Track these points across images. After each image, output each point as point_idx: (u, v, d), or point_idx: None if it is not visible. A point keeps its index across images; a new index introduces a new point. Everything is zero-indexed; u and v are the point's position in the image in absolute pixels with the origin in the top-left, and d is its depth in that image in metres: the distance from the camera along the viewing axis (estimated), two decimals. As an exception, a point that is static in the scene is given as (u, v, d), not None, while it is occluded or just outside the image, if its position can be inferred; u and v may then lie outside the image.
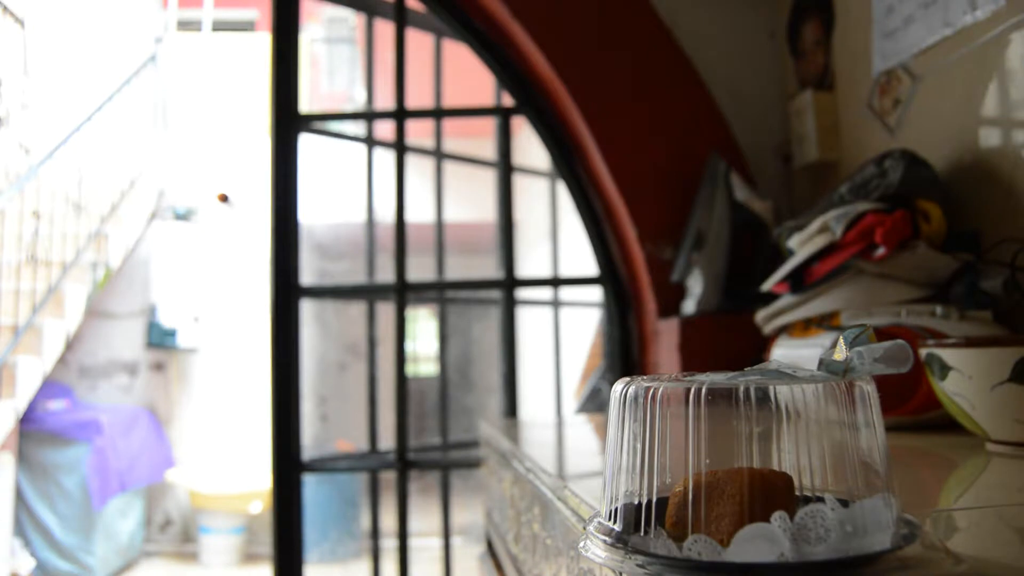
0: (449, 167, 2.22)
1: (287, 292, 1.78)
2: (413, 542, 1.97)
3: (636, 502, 0.41)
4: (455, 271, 2.17)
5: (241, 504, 4.89)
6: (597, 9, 1.75)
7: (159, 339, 5.20)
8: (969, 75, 1.16)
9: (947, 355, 0.70)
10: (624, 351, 1.84)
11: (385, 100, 2.11)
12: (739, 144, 1.73)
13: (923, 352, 0.73)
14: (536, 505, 0.81)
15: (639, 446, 0.42)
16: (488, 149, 2.23)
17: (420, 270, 2.08)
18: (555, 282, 2.05)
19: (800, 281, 1.16)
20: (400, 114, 1.92)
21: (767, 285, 1.25)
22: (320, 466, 1.84)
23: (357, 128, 4.18)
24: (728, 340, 1.51)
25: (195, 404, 5.39)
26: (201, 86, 5.76)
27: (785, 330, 1.22)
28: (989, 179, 1.12)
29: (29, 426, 4.37)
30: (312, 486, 4.75)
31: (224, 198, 5.51)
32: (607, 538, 0.41)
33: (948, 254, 1.06)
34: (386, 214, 2.01)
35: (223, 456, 5.27)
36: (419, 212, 2.45)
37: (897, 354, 0.40)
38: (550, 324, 2.27)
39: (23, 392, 4.04)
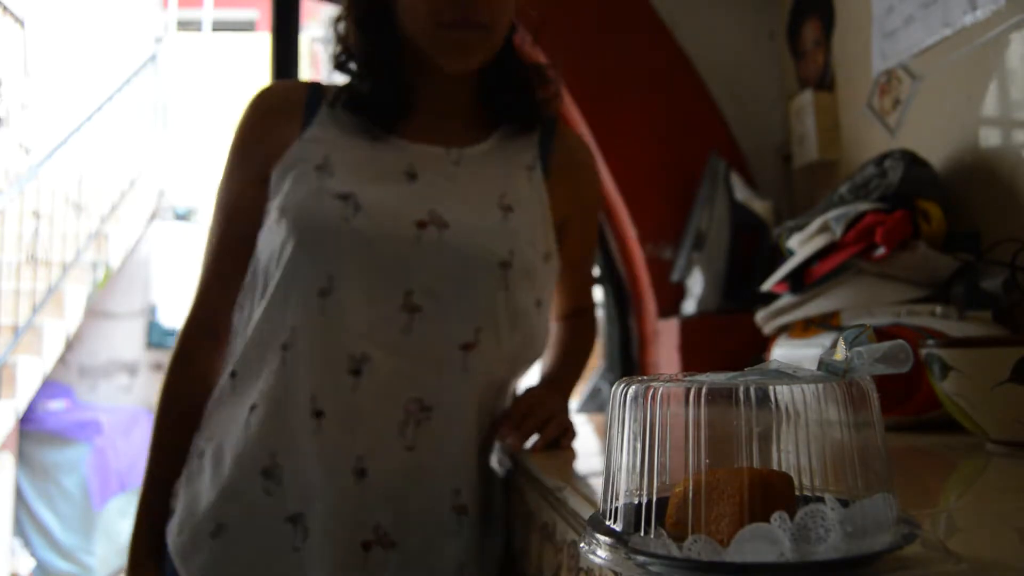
0: (449, 167, 2.21)
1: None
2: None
3: (636, 502, 0.41)
4: (455, 271, 2.17)
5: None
6: (597, 9, 1.75)
7: (159, 339, 5.20)
8: (969, 75, 1.16)
9: (947, 355, 0.70)
10: (624, 351, 1.84)
11: (385, 100, 2.11)
12: (739, 144, 1.73)
13: (923, 352, 0.73)
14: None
15: (639, 446, 0.42)
16: (488, 149, 2.23)
17: (420, 270, 2.07)
18: (555, 282, 2.04)
19: (800, 281, 1.16)
20: (400, 114, 1.91)
21: (767, 285, 1.25)
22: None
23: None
24: (728, 340, 1.50)
25: (195, 404, 5.38)
26: (201, 86, 5.75)
27: (785, 330, 1.21)
28: (989, 179, 1.12)
29: (29, 426, 4.37)
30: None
31: None
32: (607, 538, 0.41)
33: (948, 254, 1.06)
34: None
35: (223, 456, 5.25)
36: (419, 212, 2.45)
37: (897, 354, 0.40)
38: (550, 324, 2.26)
39: (23, 392, 4.04)
